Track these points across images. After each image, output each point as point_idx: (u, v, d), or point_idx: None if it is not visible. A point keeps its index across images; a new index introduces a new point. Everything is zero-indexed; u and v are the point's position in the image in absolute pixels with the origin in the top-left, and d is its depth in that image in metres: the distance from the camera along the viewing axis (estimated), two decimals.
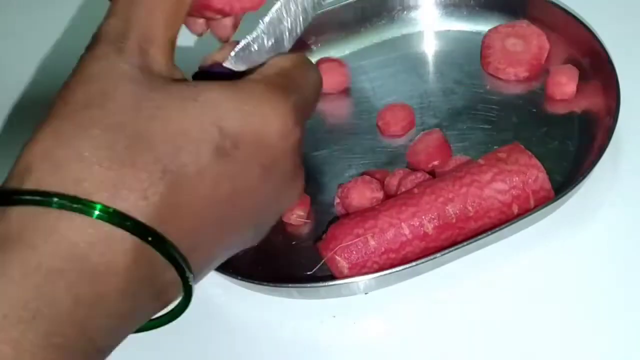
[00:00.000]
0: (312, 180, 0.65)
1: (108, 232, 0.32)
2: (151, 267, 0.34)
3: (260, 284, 0.57)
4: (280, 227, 0.63)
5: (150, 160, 0.33)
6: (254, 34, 0.42)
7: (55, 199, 0.31)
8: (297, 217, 0.62)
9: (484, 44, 0.70)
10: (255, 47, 0.41)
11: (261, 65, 0.40)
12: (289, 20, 0.44)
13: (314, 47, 0.73)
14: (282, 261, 0.62)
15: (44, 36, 0.81)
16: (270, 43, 0.42)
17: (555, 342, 0.55)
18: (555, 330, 0.56)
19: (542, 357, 0.55)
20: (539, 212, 0.56)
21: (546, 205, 0.56)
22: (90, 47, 0.36)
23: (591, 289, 0.58)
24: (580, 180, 0.57)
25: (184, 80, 0.37)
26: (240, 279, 0.57)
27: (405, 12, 0.74)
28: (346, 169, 0.66)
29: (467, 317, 0.58)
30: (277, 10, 0.43)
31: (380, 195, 0.61)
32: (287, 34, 0.43)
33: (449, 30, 0.73)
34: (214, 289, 0.61)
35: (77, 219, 0.31)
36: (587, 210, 0.61)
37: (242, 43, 0.42)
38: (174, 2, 0.37)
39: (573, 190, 0.57)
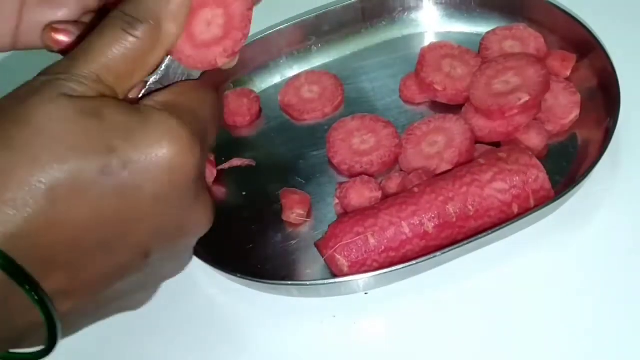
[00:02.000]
0: (312, 180, 0.66)
1: None
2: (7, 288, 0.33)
3: (260, 282, 0.57)
4: (280, 226, 0.63)
5: (29, 172, 0.32)
6: (159, 72, 0.40)
7: None
8: (297, 216, 0.62)
9: (481, 45, 0.70)
10: (164, 82, 0.40)
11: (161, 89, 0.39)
12: None
13: (314, 48, 0.73)
14: (282, 260, 0.61)
15: None
16: (179, 74, 0.41)
17: (555, 341, 0.55)
18: (554, 329, 0.56)
19: (541, 357, 0.55)
20: (539, 212, 0.56)
21: (546, 205, 0.56)
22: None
23: (591, 289, 0.58)
24: (581, 180, 0.57)
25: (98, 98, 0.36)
26: (240, 277, 0.57)
27: (406, 13, 0.74)
28: None
29: (467, 316, 0.57)
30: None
31: (379, 194, 0.62)
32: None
33: (449, 32, 0.73)
34: (213, 288, 0.61)
35: None
36: (587, 210, 0.61)
37: (149, 82, 0.40)
38: (131, 61, 0.36)
39: (573, 190, 0.57)
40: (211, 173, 0.66)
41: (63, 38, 0.43)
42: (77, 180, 0.33)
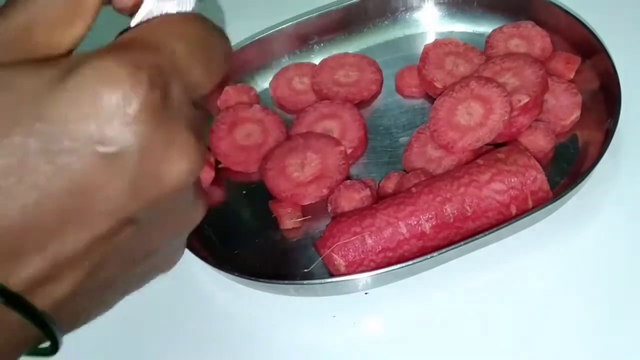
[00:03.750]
0: None
1: None
2: None
3: (258, 281, 0.57)
4: (279, 225, 0.63)
5: None
6: (140, 14, 0.35)
7: None
8: (295, 221, 0.62)
9: (487, 43, 0.70)
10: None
11: None
12: None
13: (316, 47, 0.73)
14: (281, 259, 0.62)
15: None
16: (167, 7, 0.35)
17: (554, 341, 0.55)
18: (553, 330, 0.56)
19: (540, 356, 0.55)
20: (537, 213, 0.56)
21: (544, 206, 0.56)
22: None
23: (590, 290, 0.58)
24: (579, 182, 0.57)
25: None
26: (238, 276, 0.57)
27: (408, 13, 0.74)
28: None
29: (467, 317, 0.58)
30: None
31: (367, 192, 0.62)
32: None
33: (451, 32, 0.73)
34: (212, 287, 0.61)
35: None
36: (586, 211, 0.61)
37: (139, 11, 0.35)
38: (61, 5, 0.32)
39: (571, 192, 0.57)
40: (209, 175, 0.66)
41: None
42: (4, 160, 0.29)
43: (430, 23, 0.74)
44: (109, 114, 0.30)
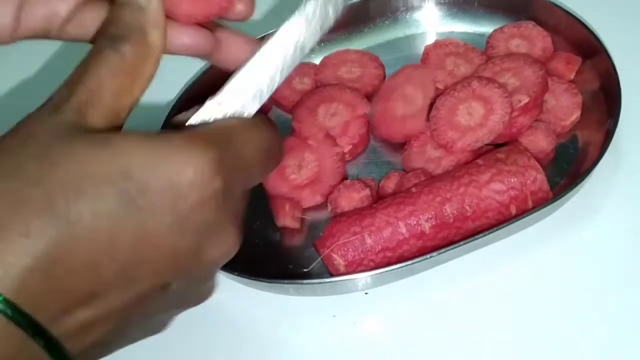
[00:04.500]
0: None
1: None
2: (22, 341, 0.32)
3: (257, 281, 0.57)
4: (279, 225, 0.63)
5: (44, 203, 0.32)
6: (216, 96, 0.40)
7: None
8: (293, 219, 0.62)
9: (488, 44, 0.70)
10: (219, 110, 0.39)
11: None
12: (262, 80, 0.41)
13: (316, 47, 0.73)
14: (281, 259, 0.62)
15: None
16: (235, 106, 0.40)
17: (554, 341, 0.55)
18: (553, 330, 0.56)
19: (539, 357, 0.55)
20: (536, 213, 0.56)
21: (544, 207, 0.56)
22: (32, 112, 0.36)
23: (590, 290, 0.57)
24: (579, 182, 0.57)
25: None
26: (238, 275, 0.57)
27: (408, 13, 0.74)
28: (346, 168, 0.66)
29: (467, 317, 0.58)
30: (246, 69, 0.40)
31: (367, 192, 0.62)
32: (256, 95, 0.40)
33: (452, 32, 0.73)
34: None
35: None
36: (586, 211, 0.61)
37: (205, 105, 0.40)
38: (126, 76, 0.37)
39: (571, 192, 0.57)
40: None
41: None
42: (93, 208, 0.33)
43: (430, 23, 0.74)
44: (183, 191, 0.34)
